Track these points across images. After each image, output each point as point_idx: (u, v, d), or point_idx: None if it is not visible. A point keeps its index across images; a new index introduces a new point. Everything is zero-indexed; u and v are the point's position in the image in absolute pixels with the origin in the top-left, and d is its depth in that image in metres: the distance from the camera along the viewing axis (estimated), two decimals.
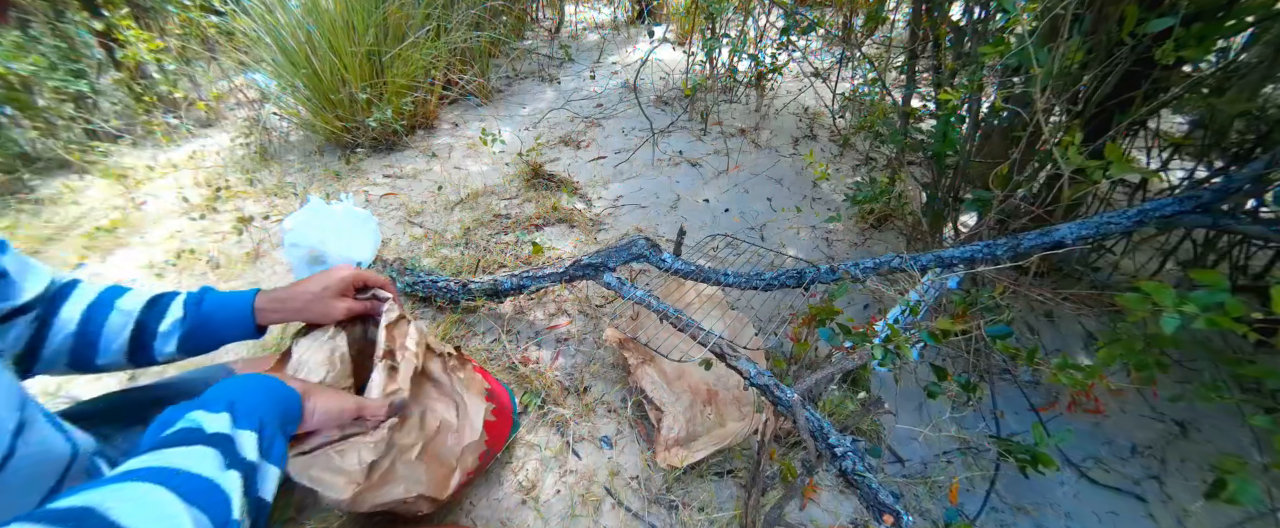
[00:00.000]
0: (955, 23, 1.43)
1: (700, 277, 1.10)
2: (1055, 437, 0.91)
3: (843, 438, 0.81)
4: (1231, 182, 0.82)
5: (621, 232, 1.64)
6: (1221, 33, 0.93)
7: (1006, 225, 1.27)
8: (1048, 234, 0.89)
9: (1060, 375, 0.86)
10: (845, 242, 1.67)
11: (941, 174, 1.39)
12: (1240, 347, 1.28)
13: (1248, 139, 1.24)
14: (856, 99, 2.12)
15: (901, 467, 1.08)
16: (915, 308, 0.95)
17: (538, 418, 1.08)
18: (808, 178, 1.93)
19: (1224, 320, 0.63)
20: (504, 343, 1.23)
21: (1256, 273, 1.30)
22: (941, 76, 1.43)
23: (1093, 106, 1.13)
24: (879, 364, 0.89)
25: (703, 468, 1.01)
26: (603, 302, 1.36)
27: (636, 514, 0.94)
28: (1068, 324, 1.40)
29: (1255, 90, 1.12)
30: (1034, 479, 1.05)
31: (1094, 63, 1.08)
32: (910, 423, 1.15)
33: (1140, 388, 1.23)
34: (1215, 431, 1.18)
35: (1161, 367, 0.76)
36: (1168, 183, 1.54)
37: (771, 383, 0.88)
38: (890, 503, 0.74)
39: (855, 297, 1.46)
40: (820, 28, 1.90)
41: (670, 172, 1.94)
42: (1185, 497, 1.05)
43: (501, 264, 1.47)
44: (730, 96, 2.44)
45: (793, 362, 1.16)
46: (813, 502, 0.99)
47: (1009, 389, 1.24)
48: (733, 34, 2.22)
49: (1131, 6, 0.93)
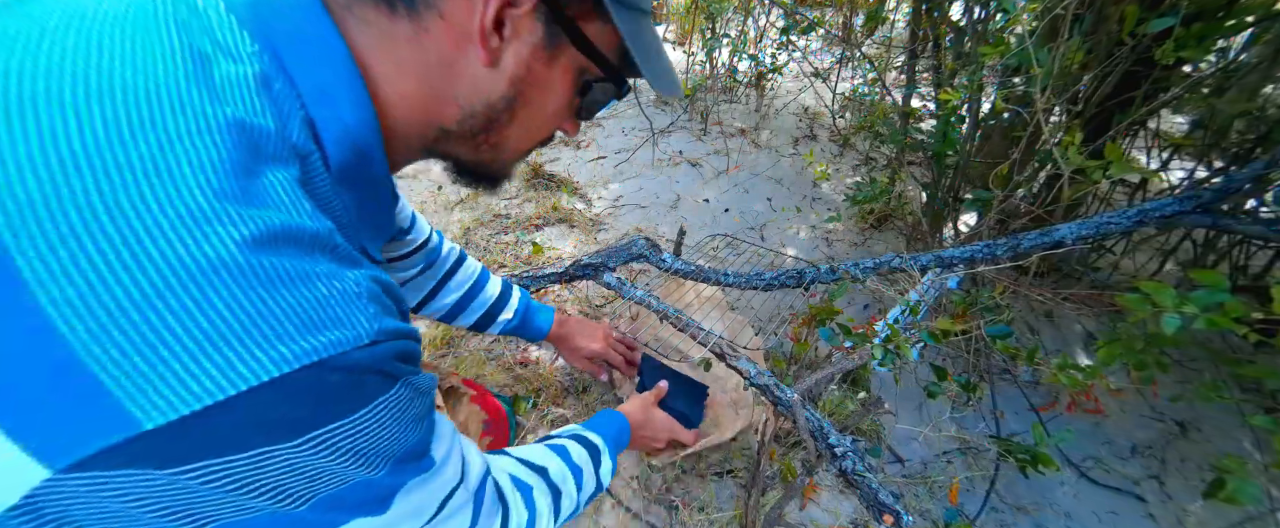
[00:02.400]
0: (955, 23, 1.43)
1: (700, 277, 1.10)
2: (1055, 437, 0.91)
3: (843, 438, 0.81)
4: (1231, 182, 0.82)
5: (621, 232, 1.64)
6: (1221, 33, 0.93)
7: (1006, 225, 1.27)
8: (1048, 234, 0.89)
9: (1060, 375, 0.86)
10: (845, 242, 1.67)
11: (941, 174, 1.39)
12: (1240, 347, 1.28)
13: (1248, 139, 1.24)
14: (856, 99, 2.12)
15: (901, 467, 1.08)
16: (915, 308, 0.95)
17: (538, 418, 1.08)
18: (808, 178, 1.94)
19: (1224, 320, 0.63)
20: (504, 343, 1.23)
21: (1256, 273, 1.30)
22: (941, 76, 1.43)
23: (1093, 106, 1.13)
24: (879, 364, 0.89)
25: (703, 468, 1.01)
26: (603, 302, 1.36)
27: (636, 514, 0.94)
28: (1068, 324, 1.40)
29: (1255, 90, 1.12)
30: (1034, 479, 1.05)
31: (1094, 63, 1.08)
32: (910, 423, 1.15)
33: (1140, 388, 1.23)
34: (1215, 431, 1.18)
35: (1161, 367, 0.76)
36: (1168, 183, 1.54)
37: (771, 383, 0.88)
38: (890, 503, 0.74)
39: (855, 297, 1.46)
40: (820, 28, 1.90)
41: (670, 172, 1.94)
42: (1185, 497, 1.05)
43: (501, 264, 1.47)
44: (730, 96, 2.44)
45: (793, 362, 1.16)
46: (813, 502, 0.99)
47: (1009, 389, 1.24)
48: (733, 34, 2.23)
49: (1131, 6, 0.93)
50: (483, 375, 1.15)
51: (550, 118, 0.44)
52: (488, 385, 1.09)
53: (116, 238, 0.24)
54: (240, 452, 0.27)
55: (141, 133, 0.26)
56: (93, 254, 0.24)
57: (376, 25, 0.35)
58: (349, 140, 0.35)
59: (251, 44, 0.31)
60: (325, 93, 0.33)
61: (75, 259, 0.24)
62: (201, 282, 0.25)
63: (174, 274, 0.25)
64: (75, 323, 0.23)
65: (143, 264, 0.24)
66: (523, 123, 0.42)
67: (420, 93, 0.38)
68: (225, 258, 0.25)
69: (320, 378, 0.28)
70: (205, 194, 0.26)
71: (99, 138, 0.25)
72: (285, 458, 0.29)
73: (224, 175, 0.27)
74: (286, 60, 0.32)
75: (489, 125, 0.41)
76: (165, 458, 0.26)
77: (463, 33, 0.36)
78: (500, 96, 0.40)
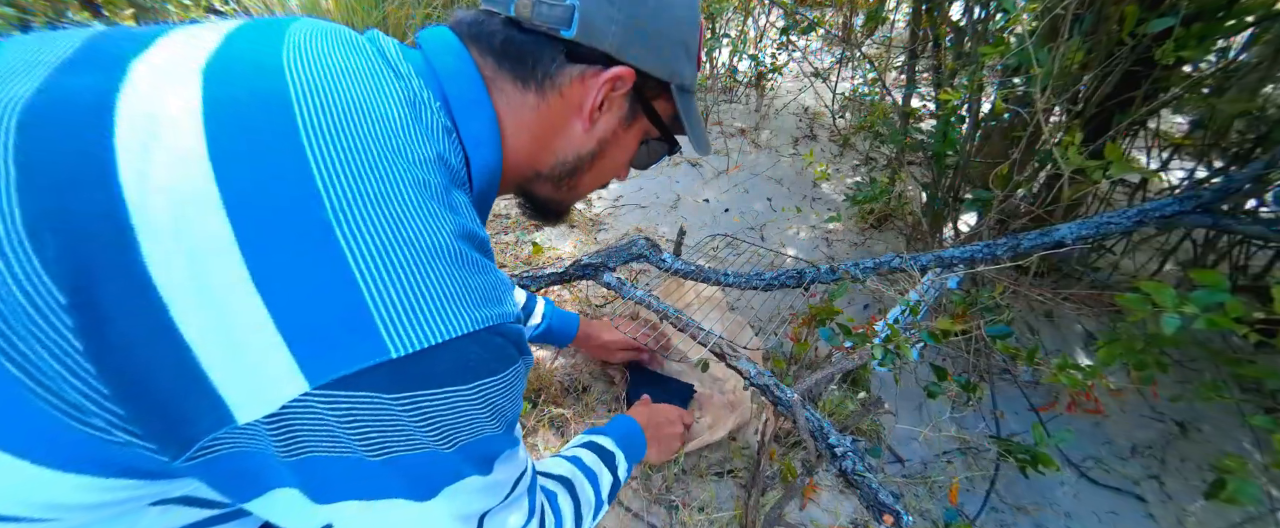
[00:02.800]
0: (955, 23, 1.43)
1: (700, 277, 1.09)
2: (1055, 437, 0.91)
3: (843, 438, 0.81)
4: (1231, 182, 0.82)
5: (621, 232, 1.64)
6: (1221, 33, 0.93)
7: (1006, 225, 1.27)
8: (1048, 234, 0.89)
9: (1060, 376, 0.86)
10: (845, 242, 1.67)
11: (941, 174, 1.39)
12: (1240, 347, 1.28)
13: (1248, 139, 1.24)
14: (856, 99, 2.12)
15: (901, 467, 1.08)
16: (915, 308, 0.95)
17: (538, 418, 1.08)
18: (808, 178, 1.93)
19: (1224, 320, 0.63)
20: None
21: (1256, 273, 1.30)
22: (941, 76, 1.42)
23: (1093, 106, 1.13)
24: (879, 364, 0.89)
25: (703, 468, 1.01)
26: (603, 302, 1.36)
27: (636, 514, 0.94)
28: (1068, 324, 1.40)
29: (1255, 90, 1.12)
30: (1034, 479, 1.05)
31: (1094, 63, 1.08)
32: (910, 423, 1.15)
33: (1140, 388, 1.23)
34: (1215, 431, 1.18)
35: (1161, 367, 0.76)
36: (1168, 183, 1.54)
37: (771, 383, 0.88)
38: (890, 503, 0.74)
39: (855, 297, 1.46)
40: (820, 28, 1.90)
41: (670, 172, 1.94)
42: (1185, 497, 1.05)
43: (501, 264, 1.47)
44: (730, 96, 2.44)
45: (793, 362, 1.16)
46: (813, 502, 0.99)
47: (1009, 389, 1.24)
48: (733, 34, 2.22)
49: (1131, 6, 0.93)
50: None
51: (616, 168, 0.58)
52: None
53: (394, 221, 0.34)
54: (437, 387, 0.35)
55: (401, 155, 0.36)
56: (380, 229, 0.33)
57: (512, 96, 0.48)
58: (486, 176, 0.47)
59: (434, 100, 0.43)
60: (478, 141, 0.46)
61: (371, 231, 0.33)
62: (438, 258, 0.35)
63: (424, 250, 0.34)
64: (366, 271, 0.32)
65: (408, 240, 0.34)
66: (596, 171, 0.56)
67: (532, 147, 0.51)
68: (448, 245, 0.36)
69: (490, 339, 0.38)
70: (435, 202, 0.37)
71: (381, 156, 0.35)
72: (456, 401, 0.37)
73: (441, 191, 0.38)
74: (456, 114, 0.45)
75: (573, 172, 0.54)
76: (392, 384, 0.33)
77: (574, 107, 0.49)
78: (588, 152, 0.53)
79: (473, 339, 0.36)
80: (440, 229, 0.36)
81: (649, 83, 0.51)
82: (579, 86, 0.48)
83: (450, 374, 0.36)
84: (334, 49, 0.40)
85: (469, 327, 0.35)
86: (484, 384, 0.38)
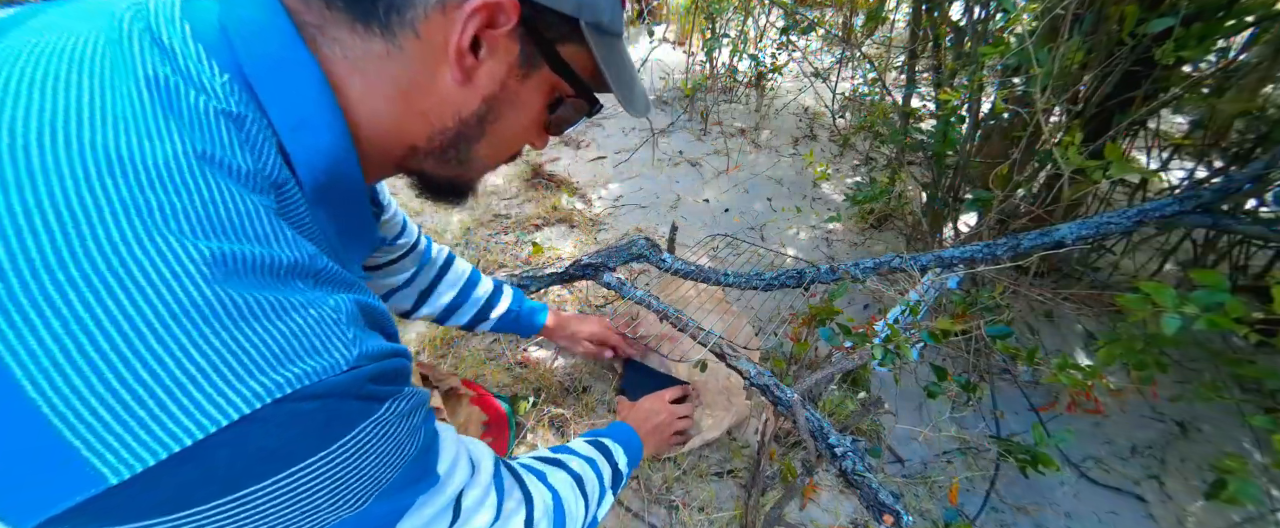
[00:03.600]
0: (955, 23, 1.43)
1: (700, 277, 1.09)
2: (1055, 437, 0.91)
3: (843, 438, 0.81)
4: (1231, 182, 0.82)
5: (621, 232, 1.64)
6: (1221, 33, 0.93)
7: (1006, 225, 1.27)
8: (1048, 234, 0.89)
9: (1060, 376, 0.86)
10: (845, 242, 1.67)
11: (941, 174, 1.39)
12: (1240, 347, 1.28)
13: (1248, 139, 1.24)
14: (856, 99, 2.12)
15: (901, 467, 1.08)
16: (915, 308, 0.95)
17: (538, 419, 1.08)
18: (808, 178, 1.93)
19: (1224, 321, 0.63)
20: (504, 343, 1.23)
21: (1256, 273, 1.30)
22: (941, 76, 1.42)
23: (1093, 106, 1.13)
24: (879, 364, 0.89)
25: (703, 468, 1.01)
26: (603, 302, 1.36)
27: (636, 514, 0.94)
28: (1068, 324, 1.40)
29: (1255, 90, 1.12)
30: (1034, 479, 1.05)
31: (1094, 63, 1.08)
32: (910, 423, 1.15)
33: (1140, 388, 1.22)
34: (1215, 431, 1.18)
35: (1161, 367, 0.76)
36: (1168, 183, 1.54)
37: (771, 383, 0.88)
38: (890, 503, 0.74)
39: (855, 297, 1.46)
40: (820, 28, 1.90)
41: (670, 171, 1.94)
42: (1185, 497, 1.05)
43: (501, 264, 1.47)
44: (730, 96, 2.44)
45: (793, 362, 1.16)
46: (813, 502, 0.99)
47: (1009, 389, 1.24)
48: (733, 34, 2.23)
49: (1131, 6, 0.93)
50: (483, 375, 1.15)
51: (521, 133, 0.45)
52: (487, 386, 1.09)
53: (86, 290, 0.23)
54: (221, 497, 0.26)
55: (110, 179, 0.25)
56: (61, 309, 0.23)
57: (349, 45, 0.35)
58: (323, 163, 0.35)
59: (221, 74, 0.31)
60: (300, 120, 0.33)
61: (44, 317, 0.23)
62: (169, 326, 0.24)
63: (142, 321, 0.24)
64: (41, 382, 0.23)
65: (112, 316, 0.24)
66: (493, 138, 0.43)
67: (391, 111, 0.38)
68: (194, 298, 0.25)
69: (295, 410, 0.27)
70: (175, 235, 0.25)
71: (68, 187, 0.24)
72: (270, 499, 0.28)
73: (195, 214, 0.26)
74: (259, 90, 0.32)
75: (458, 140, 0.41)
76: (138, 511, 0.25)
77: (438, 51, 0.36)
78: (471, 112, 0.40)
79: (255, 423, 0.26)
80: (181, 280, 0.25)
81: (548, 20, 0.38)
82: (440, 21, 0.35)
83: (238, 476, 0.27)
84: (65, 24, 0.30)
85: (237, 410, 0.25)
86: (310, 467, 0.29)
